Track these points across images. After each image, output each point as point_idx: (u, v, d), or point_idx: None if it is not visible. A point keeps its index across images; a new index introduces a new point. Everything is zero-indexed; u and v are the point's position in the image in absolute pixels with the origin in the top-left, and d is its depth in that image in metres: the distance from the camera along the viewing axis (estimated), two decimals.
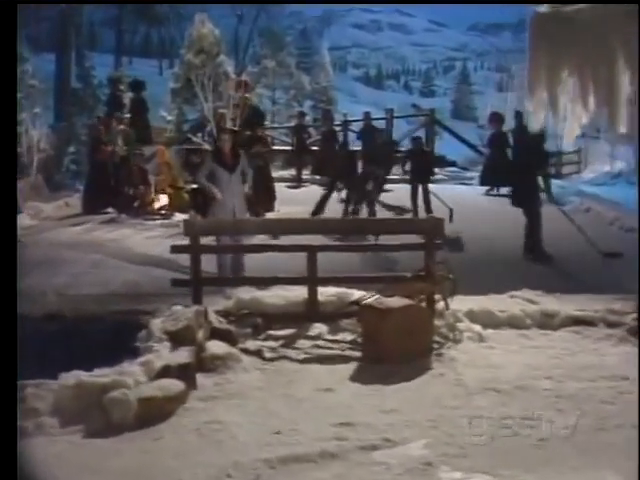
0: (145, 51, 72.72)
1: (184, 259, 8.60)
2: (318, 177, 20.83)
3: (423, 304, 7.82)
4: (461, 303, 8.29)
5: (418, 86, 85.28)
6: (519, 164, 12.09)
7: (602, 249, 11.82)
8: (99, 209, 16.60)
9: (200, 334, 7.01)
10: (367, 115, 21.65)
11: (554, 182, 18.67)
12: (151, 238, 13.61)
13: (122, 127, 18.67)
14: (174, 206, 16.49)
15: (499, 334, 8.05)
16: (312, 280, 8.07)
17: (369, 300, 7.67)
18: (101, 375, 5.99)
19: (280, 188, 16.91)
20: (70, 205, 18.20)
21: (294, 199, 16.45)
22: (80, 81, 26.18)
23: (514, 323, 8.29)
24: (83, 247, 12.82)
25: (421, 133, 24.80)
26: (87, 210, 16.73)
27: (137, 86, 22.52)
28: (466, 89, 74.95)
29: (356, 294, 8.17)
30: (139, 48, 72.36)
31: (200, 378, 6.57)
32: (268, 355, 7.39)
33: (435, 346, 7.52)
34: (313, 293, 8.05)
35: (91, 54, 31.78)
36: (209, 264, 9.17)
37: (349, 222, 8.41)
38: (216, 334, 7.37)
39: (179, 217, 15.28)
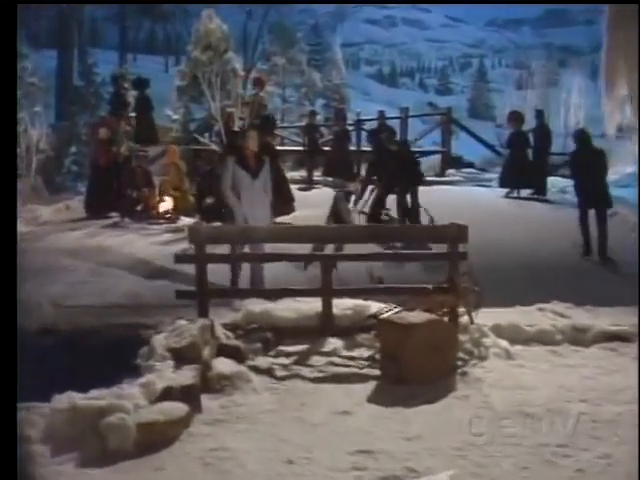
0: (150, 47, 72.49)
1: (190, 267, 8.31)
2: (330, 179, 20.58)
3: (446, 318, 7.55)
4: (486, 316, 8.02)
5: (434, 84, 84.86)
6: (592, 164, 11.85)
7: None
8: (102, 213, 16.32)
9: (206, 351, 6.74)
10: (381, 114, 21.51)
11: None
12: (155, 244, 13.32)
13: (128, 128, 18.41)
14: (179, 209, 16.18)
15: (528, 351, 7.77)
16: (326, 292, 7.85)
17: (388, 314, 7.44)
18: (97, 397, 5.71)
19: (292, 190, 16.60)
20: (71, 208, 17.89)
21: (306, 202, 16.11)
22: (82, 79, 25.96)
23: (543, 339, 8.01)
24: (83, 254, 12.55)
25: (437, 133, 24.82)
26: (90, 214, 16.45)
27: (141, 84, 22.16)
28: (483, 87, 74.49)
29: (373, 307, 7.96)
30: (144, 44, 72.11)
31: (205, 400, 6.31)
32: (279, 374, 7.14)
33: (459, 363, 7.21)
34: (327, 306, 7.84)
35: (94, 51, 31.50)
36: (218, 274, 8.89)
37: (365, 229, 8.11)
38: (223, 351, 7.15)
39: (185, 221, 15.19)
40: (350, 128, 22.78)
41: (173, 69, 42.07)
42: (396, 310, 7.50)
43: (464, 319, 7.75)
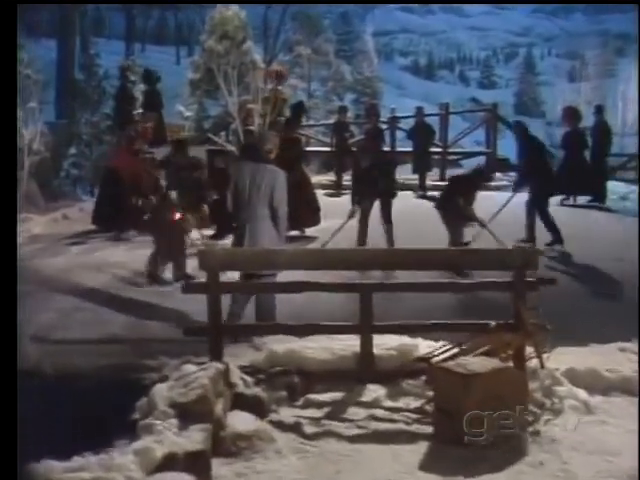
0: (160, 37, 72.45)
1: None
2: None
3: (510, 362, 6.94)
4: (557, 358, 7.39)
5: (476, 76, 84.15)
6: None
7: None
8: (108, 223, 15.88)
9: (219, 406, 6.12)
10: (419, 111, 21.25)
11: (620, 188, 17.84)
12: None
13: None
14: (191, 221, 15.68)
15: (609, 402, 7.08)
16: (366, 328, 7.31)
17: (442, 356, 6.91)
18: (80, 468, 5.04)
19: (318, 196, 16.04)
20: (69, 218, 17.67)
21: (335, 210, 15.53)
22: (83, 71, 25.58)
23: (628, 388, 7.28)
24: (79, 273, 12.15)
25: (481, 132, 24.27)
26: (98, 225, 16.03)
27: (150, 77, 22.26)
28: (532, 79, 73.79)
29: (422, 346, 7.51)
30: (153, 33, 72.08)
31: (217, 466, 5.72)
32: (309, 430, 6.53)
33: (529, 418, 6.51)
34: (367, 345, 7.32)
35: (96, 40, 31.14)
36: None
37: (411, 253, 7.45)
38: (240, 402, 6.56)
39: (198, 234, 14.80)
40: (384, 126, 22.14)
41: (185, 61, 41.99)
42: (450, 351, 7.00)
43: (533, 362, 7.16)
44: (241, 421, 6.24)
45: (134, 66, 24.87)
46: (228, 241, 14.28)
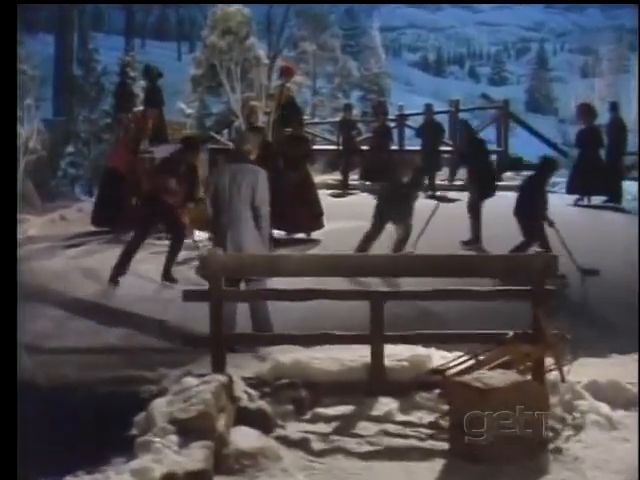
0: (161, 32, 72.48)
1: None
2: (369, 183, 20.06)
3: (529, 375, 6.76)
4: (577, 370, 7.19)
5: (486, 72, 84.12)
6: None
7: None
8: (108, 225, 15.78)
9: (221, 421, 5.95)
10: (429, 108, 21.00)
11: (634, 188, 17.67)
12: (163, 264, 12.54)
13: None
14: (193, 222, 15.50)
15: (632, 418, 6.81)
16: (377, 338, 7.14)
17: (457, 369, 6.76)
18: None
19: (323, 196, 15.91)
20: (67, 219, 17.54)
21: (341, 211, 15.41)
22: (81, 67, 25.51)
23: None
24: (75, 277, 12.02)
25: (492, 129, 24.11)
26: (98, 226, 15.90)
27: (151, 73, 21.89)
28: (544, 75, 73.52)
29: (436, 357, 7.36)
30: (154, 29, 72.11)
31: None
32: (317, 447, 6.37)
33: (549, 434, 6.32)
34: (378, 355, 7.16)
35: (95, 35, 31.06)
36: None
37: (423, 259, 7.28)
38: (244, 416, 6.41)
39: (200, 236, 14.68)
40: (391, 124, 22.20)
41: (187, 57, 41.88)
42: (466, 363, 6.83)
43: (552, 375, 6.98)
44: (245, 437, 6.09)
45: (134, 62, 24.85)
46: None
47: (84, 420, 6.51)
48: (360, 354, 7.36)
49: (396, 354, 7.35)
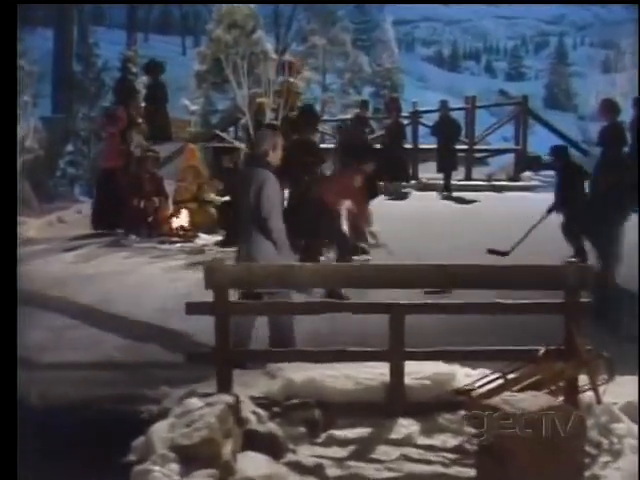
0: (164, 26, 72.75)
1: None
2: (381, 183, 19.86)
3: (560, 397, 6.49)
4: (612, 390, 6.86)
5: (503, 67, 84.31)
6: None
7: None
8: (111, 227, 15.92)
9: (227, 447, 5.69)
10: (444, 104, 21.02)
11: None
12: (168, 270, 12.75)
13: (140, 120, 17.78)
14: (198, 224, 15.71)
15: None
16: (396, 354, 6.90)
17: (484, 389, 6.47)
18: None
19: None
20: (65, 221, 17.64)
21: None
22: (80, 62, 25.39)
23: None
24: (74, 284, 11.93)
25: (509, 127, 23.98)
26: (98, 229, 16.06)
27: (154, 68, 22.26)
28: (563, 70, 73.68)
29: (460, 374, 7.11)
30: (157, 22, 72.29)
31: None
32: (332, 473, 6.13)
33: (585, 461, 6.05)
34: (398, 373, 6.92)
35: (95, 29, 30.97)
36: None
37: (447, 270, 7.01)
38: (252, 440, 6.13)
39: (205, 239, 14.95)
40: (405, 121, 22.28)
41: (191, 51, 41.83)
42: (493, 382, 6.55)
43: (587, 395, 6.73)
44: (253, 464, 5.86)
45: (136, 57, 24.79)
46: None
47: (79, 444, 6.26)
48: (378, 371, 7.12)
49: (417, 371, 7.11)
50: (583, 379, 6.74)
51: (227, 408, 5.98)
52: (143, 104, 20.87)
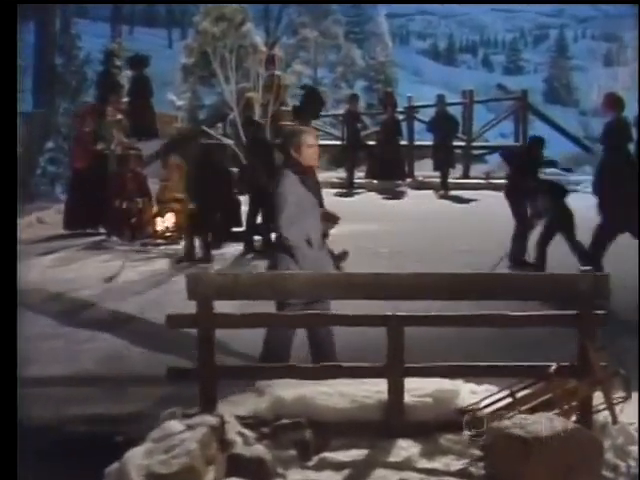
0: (150, 18, 72.64)
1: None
2: (376, 181, 20.47)
3: (573, 417, 6.23)
4: (629, 409, 6.59)
5: (501, 61, 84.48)
6: None
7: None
8: (84, 229, 15.98)
9: (210, 475, 5.43)
10: (440, 99, 21.11)
11: None
12: (151, 275, 12.67)
13: (120, 117, 17.52)
14: (183, 226, 15.28)
15: None
16: (395, 370, 6.64)
17: (491, 408, 6.28)
18: None
19: (326, 196, 15.53)
20: (44, 222, 17.53)
21: (346, 212, 14.88)
22: (62, 55, 25.17)
23: None
24: (50, 290, 11.80)
25: (507, 123, 23.86)
26: (70, 230, 16.10)
27: (139, 62, 22.19)
28: (564, 64, 73.72)
29: (464, 390, 6.86)
30: (142, 14, 72.17)
31: None
32: None
33: None
34: (397, 390, 6.66)
35: (78, 21, 30.77)
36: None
37: (452, 279, 6.74)
38: (238, 465, 5.84)
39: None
40: (400, 117, 22.21)
41: (178, 44, 41.71)
42: (501, 402, 6.34)
43: (602, 415, 6.46)
44: None
45: (120, 49, 24.64)
46: (227, 250, 14.00)
47: (46, 471, 5.98)
48: (375, 389, 6.86)
49: (417, 388, 6.84)
50: (598, 397, 6.48)
51: (210, 431, 5.70)
52: (127, 99, 20.68)
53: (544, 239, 11.99)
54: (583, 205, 16.58)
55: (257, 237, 13.95)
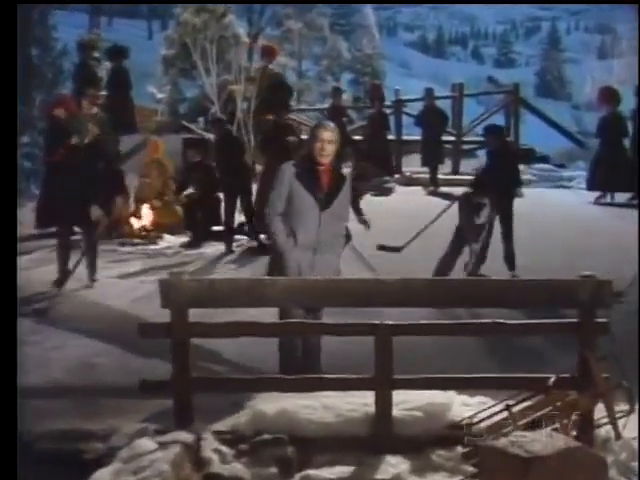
0: (130, 9, 72.67)
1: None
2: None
3: (574, 432, 6.04)
4: (632, 424, 6.42)
5: (491, 53, 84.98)
6: None
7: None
8: (55, 226, 15.34)
9: None
10: (429, 93, 20.90)
11: None
12: (128, 276, 12.57)
13: (96, 110, 17.22)
14: (162, 225, 15.52)
15: None
16: (383, 382, 6.46)
17: (485, 423, 6.12)
18: None
19: None
20: (19, 221, 16.82)
21: None
22: (37, 46, 24.96)
23: None
24: (24, 292, 11.00)
25: (499, 117, 23.76)
26: (41, 228, 15.51)
27: (117, 53, 22.04)
28: (556, 56, 74.12)
29: (457, 403, 6.70)
30: (122, 5, 72.23)
31: None
32: None
33: None
34: (385, 403, 6.48)
35: (55, 12, 30.60)
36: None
37: (443, 285, 6.56)
38: None
39: (170, 241, 14.93)
40: (388, 111, 22.09)
41: (158, 35, 41.58)
42: (496, 416, 6.17)
43: (604, 429, 6.33)
44: None
45: (98, 40, 24.46)
46: (206, 250, 13.80)
47: None
48: (362, 401, 6.69)
49: (407, 401, 6.67)
50: (600, 411, 6.34)
51: (184, 450, 5.52)
52: (104, 92, 20.44)
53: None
54: (576, 202, 16.54)
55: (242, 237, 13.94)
